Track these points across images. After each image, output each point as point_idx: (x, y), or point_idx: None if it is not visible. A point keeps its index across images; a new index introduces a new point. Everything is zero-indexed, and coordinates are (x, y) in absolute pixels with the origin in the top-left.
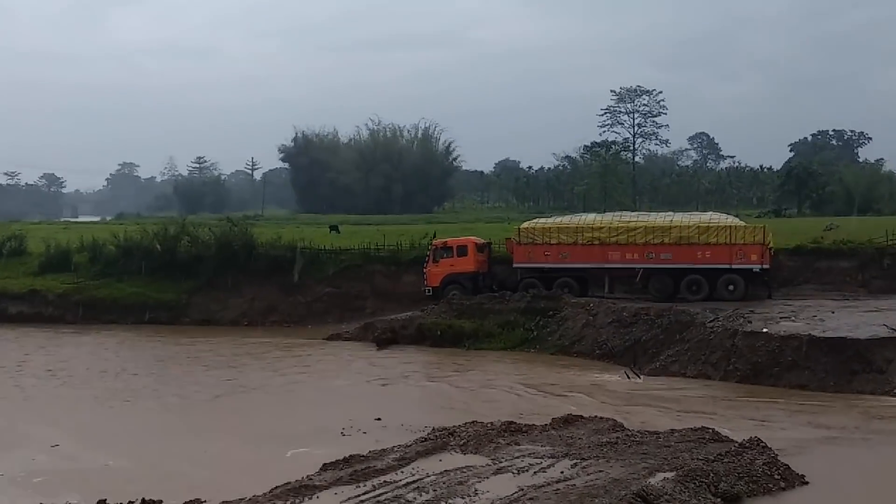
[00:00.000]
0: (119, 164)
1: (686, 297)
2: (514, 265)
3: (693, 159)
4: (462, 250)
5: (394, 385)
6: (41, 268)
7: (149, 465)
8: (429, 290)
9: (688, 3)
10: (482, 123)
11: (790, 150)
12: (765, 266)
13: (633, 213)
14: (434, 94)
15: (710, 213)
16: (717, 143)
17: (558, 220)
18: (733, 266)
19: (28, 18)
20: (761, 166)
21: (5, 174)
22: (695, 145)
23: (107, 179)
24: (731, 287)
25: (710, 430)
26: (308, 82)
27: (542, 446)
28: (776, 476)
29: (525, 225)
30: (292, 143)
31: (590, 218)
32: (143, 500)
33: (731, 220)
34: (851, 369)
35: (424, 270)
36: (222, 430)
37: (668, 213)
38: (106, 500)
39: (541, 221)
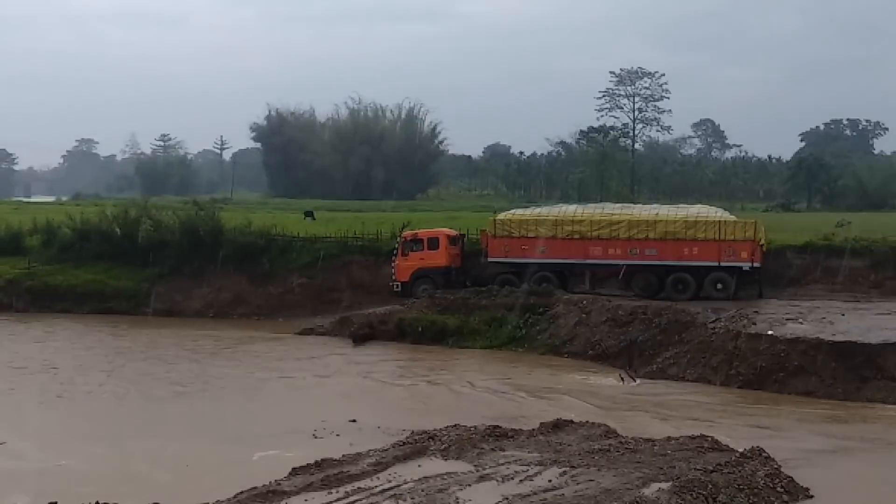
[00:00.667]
0: (76, 141)
1: (671, 297)
2: (489, 259)
3: (697, 147)
4: (433, 243)
5: (370, 384)
6: None
7: (105, 465)
8: (397, 285)
9: None
10: (471, 104)
11: (801, 140)
12: (755, 264)
13: (616, 206)
14: (419, 70)
15: (699, 206)
16: (723, 131)
17: (536, 211)
18: (722, 264)
19: None
20: (770, 156)
21: None
22: (699, 132)
23: (63, 157)
24: (719, 286)
25: (710, 439)
26: (283, 56)
27: (529, 453)
28: (779, 489)
29: (501, 216)
30: (265, 122)
31: (570, 210)
32: (98, 503)
33: (720, 214)
34: (862, 376)
35: (392, 264)
36: (184, 430)
37: (653, 206)
38: (57, 502)
39: (518, 213)
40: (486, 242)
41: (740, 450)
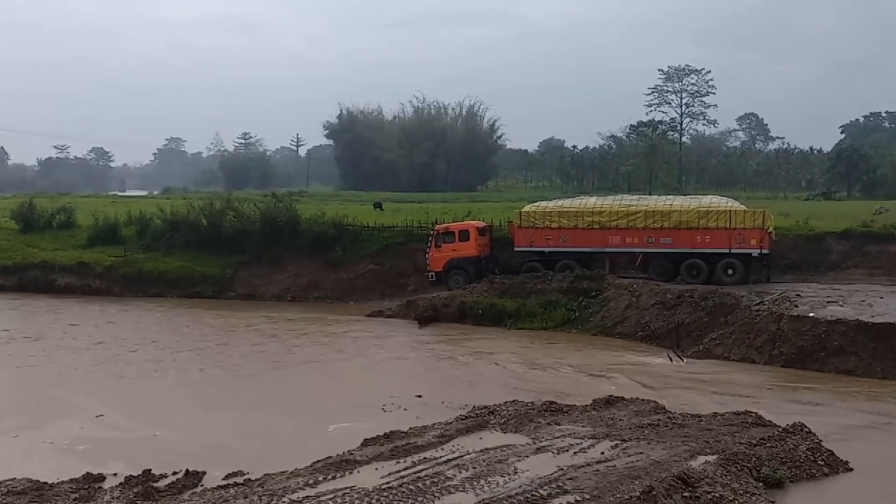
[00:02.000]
0: (166, 140)
1: (686, 281)
2: (516, 248)
3: (741, 140)
4: (464, 235)
5: (434, 362)
6: (90, 240)
7: (193, 436)
8: (432, 275)
9: None
10: (527, 101)
11: (841, 132)
12: (764, 251)
13: (633, 197)
14: (478, 71)
15: (711, 196)
16: (766, 124)
17: (559, 203)
18: (732, 251)
19: None
20: (811, 148)
21: (55, 147)
22: (743, 126)
23: (154, 154)
24: (730, 272)
25: (754, 415)
26: (353, 59)
27: (582, 427)
28: (820, 462)
29: (526, 209)
30: (337, 120)
31: (590, 202)
32: (188, 470)
33: (730, 204)
34: None
35: (427, 256)
36: (265, 404)
37: (668, 197)
38: (150, 469)
39: (542, 205)
40: (513, 233)
41: (783, 425)
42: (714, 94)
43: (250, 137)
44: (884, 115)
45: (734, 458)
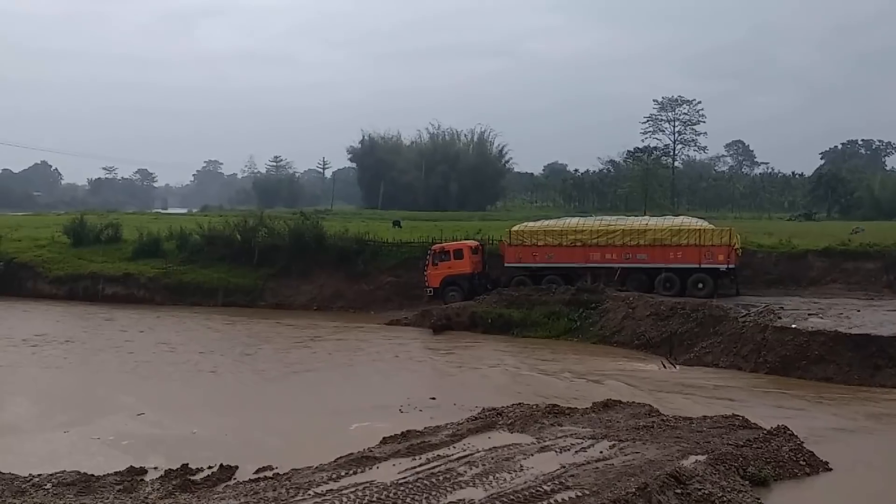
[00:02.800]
0: (205, 162)
1: (659, 293)
2: (506, 265)
3: (729, 165)
4: (458, 254)
5: (447, 367)
6: (134, 254)
7: (226, 434)
8: (430, 290)
9: (717, 16)
10: (533, 126)
11: (821, 158)
12: (731, 265)
13: (612, 218)
14: (489, 99)
15: (682, 217)
16: (752, 150)
17: (545, 223)
18: (702, 266)
19: (123, 25)
20: (793, 172)
21: (104, 169)
22: (731, 152)
23: (193, 175)
24: (700, 285)
25: (740, 418)
26: (374, 89)
27: (583, 428)
28: (801, 462)
29: (515, 228)
30: (359, 145)
31: (573, 222)
32: (222, 465)
33: (700, 223)
34: (875, 364)
35: (425, 273)
36: (292, 405)
37: (644, 217)
38: (188, 463)
39: (529, 225)
40: (504, 251)
41: (767, 427)
42: (704, 122)
43: (281, 160)
44: (860, 142)
45: (722, 458)
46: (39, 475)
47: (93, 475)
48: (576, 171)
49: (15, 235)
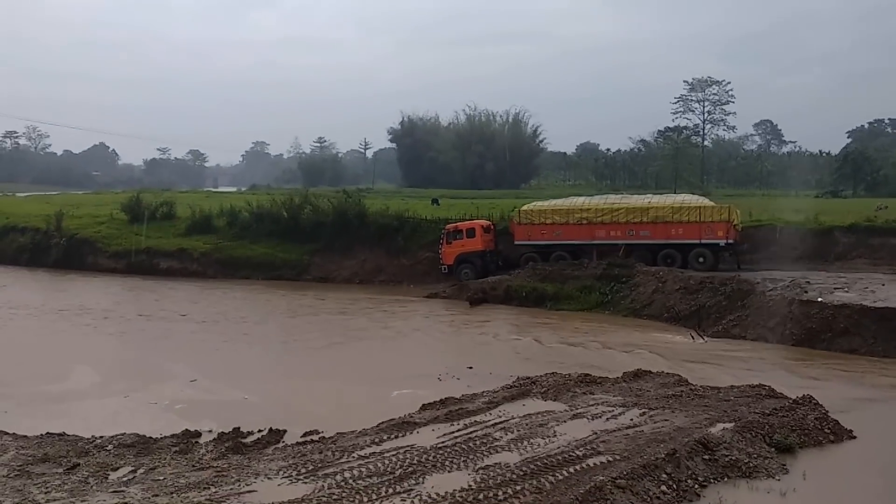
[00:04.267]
0: (253, 143)
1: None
2: (516, 242)
3: (757, 144)
4: (471, 232)
5: (483, 338)
6: (187, 230)
7: (274, 400)
8: (445, 267)
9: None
10: (566, 111)
11: (847, 137)
12: (730, 241)
13: (616, 196)
14: (524, 84)
15: (683, 194)
16: (780, 130)
17: (552, 203)
18: (702, 241)
19: (180, 13)
20: (820, 151)
21: (158, 150)
22: (759, 131)
23: (242, 156)
24: (700, 259)
25: (767, 388)
26: (414, 72)
27: (614, 396)
28: (826, 430)
29: (524, 208)
30: (399, 126)
31: (579, 201)
32: (271, 429)
33: (700, 200)
34: None
35: (440, 251)
36: (337, 372)
37: (646, 196)
38: (239, 427)
39: (537, 204)
40: (514, 229)
41: (793, 397)
42: (733, 102)
43: (324, 141)
44: (887, 121)
45: (749, 426)
46: (101, 437)
47: (151, 437)
48: (608, 150)
49: (77, 213)
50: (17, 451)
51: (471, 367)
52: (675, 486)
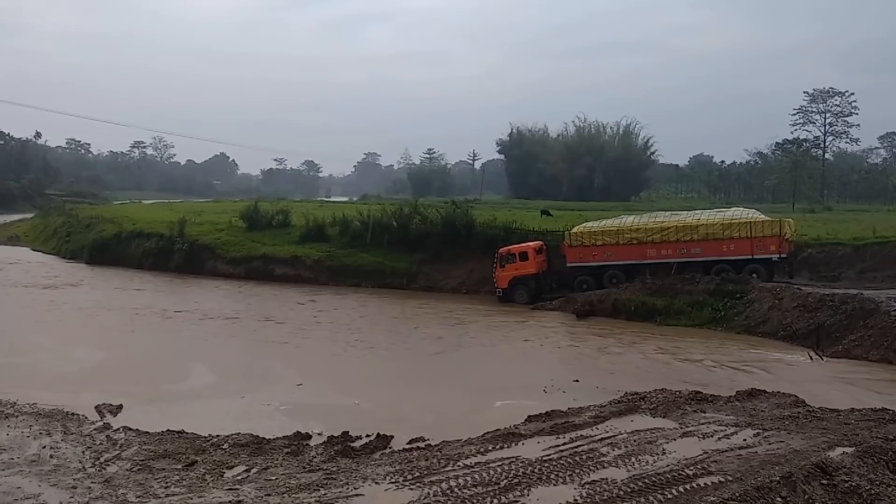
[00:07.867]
0: (364, 154)
1: None
2: (568, 265)
3: (882, 157)
4: (524, 256)
5: (590, 351)
6: (301, 238)
7: (382, 406)
8: (499, 291)
9: (863, 8)
10: (679, 122)
11: None
12: (783, 255)
13: (665, 213)
14: (635, 94)
15: (733, 209)
16: None
17: (602, 224)
18: (755, 256)
19: (298, 32)
20: None
21: (275, 160)
22: (885, 144)
23: (354, 166)
24: (754, 275)
25: (891, 412)
26: (523, 85)
27: (726, 415)
28: None
29: (574, 230)
30: (508, 138)
31: (629, 220)
32: (379, 434)
33: (751, 215)
34: None
35: (494, 275)
36: (443, 381)
37: (696, 212)
38: (348, 431)
39: (587, 226)
40: (565, 251)
41: None
42: (857, 113)
43: (434, 152)
44: None
45: (871, 451)
46: (218, 436)
47: (264, 438)
48: (722, 162)
49: (198, 220)
50: (140, 446)
51: (577, 381)
52: None
